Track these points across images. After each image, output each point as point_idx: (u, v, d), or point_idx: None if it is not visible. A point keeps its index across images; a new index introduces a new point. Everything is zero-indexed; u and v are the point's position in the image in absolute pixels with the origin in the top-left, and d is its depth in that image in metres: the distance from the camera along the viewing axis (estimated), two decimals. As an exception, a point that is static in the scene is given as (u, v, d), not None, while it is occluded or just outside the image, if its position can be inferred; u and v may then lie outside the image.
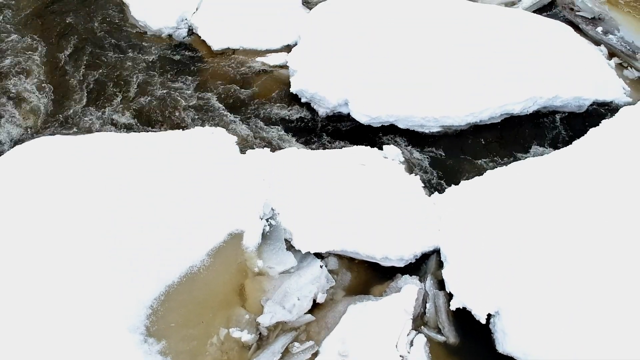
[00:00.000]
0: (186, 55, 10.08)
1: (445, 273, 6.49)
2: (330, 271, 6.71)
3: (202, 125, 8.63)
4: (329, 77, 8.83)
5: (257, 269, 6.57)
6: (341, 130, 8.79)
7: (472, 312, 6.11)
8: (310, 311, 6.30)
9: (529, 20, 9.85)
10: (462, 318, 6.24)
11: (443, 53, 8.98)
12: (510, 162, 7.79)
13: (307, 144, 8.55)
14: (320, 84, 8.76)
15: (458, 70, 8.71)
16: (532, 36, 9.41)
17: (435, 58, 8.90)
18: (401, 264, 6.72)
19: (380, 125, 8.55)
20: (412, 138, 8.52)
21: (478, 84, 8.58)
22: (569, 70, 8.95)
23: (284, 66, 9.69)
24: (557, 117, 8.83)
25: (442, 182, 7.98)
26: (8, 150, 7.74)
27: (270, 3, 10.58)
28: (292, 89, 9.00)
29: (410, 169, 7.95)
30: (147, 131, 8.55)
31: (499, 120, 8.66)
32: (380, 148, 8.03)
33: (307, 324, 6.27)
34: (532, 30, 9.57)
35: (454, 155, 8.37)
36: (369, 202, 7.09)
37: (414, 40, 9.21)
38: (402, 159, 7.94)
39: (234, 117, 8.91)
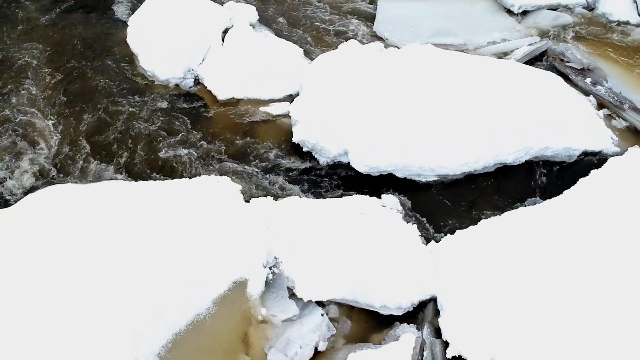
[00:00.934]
0: (192, 104, 10.50)
1: (442, 321, 6.75)
2: (331, 319, 6.96)
3: (208, 174, 8.95)
4: (329, 128, 9.21)
5: (261, 317, 6.82)
6: (341, 178, 9.13)
7: (468, 360, 6.34)
8: (312, 359, 6.54)
9: (520, 71, 10.27)
10: (459, 366, 6.47)
11: (439, 104, 9.37)
12: (504, 211, 8.07)
13: (308, 192, 8.88)
14: (320, 135, 9.14)
15: (453, 120, 9.09)
16: (524, 87, 9.81)
17: (431, 109, 9.28)
18: (399, 312, 6.98)
19: (379, 174, 8.90)
20: (410, 187, 8.85)
21: (472, 135, 8.95)
22: (559, 121, 9.34)
23: (287, 115, 10.07)
24: (548, 166, 9.18)
25: (439, 230, 8.30)
26: (20, 198, 8.02)
27: (273, 54, 11.01)
28: (294, 139, 9.37)
29: (407, 218, 8.26)
30: (154, 179, 8.87)
31: (493, 170, 9.01)
32: (379, 197, 8.35)
33: (309, 372, 6.50)
34: (524, 82, 9.98)
35: (449, 203, 8.70)
36: (368, 251, 7.37)
37: (411, 92, 9.59)
38: (400, 208, 8.26)
39: (239, 166, 9.26)
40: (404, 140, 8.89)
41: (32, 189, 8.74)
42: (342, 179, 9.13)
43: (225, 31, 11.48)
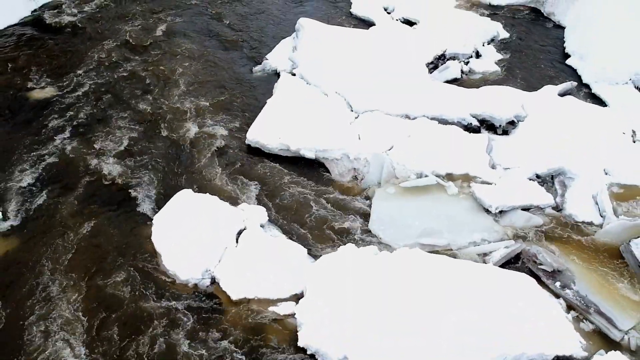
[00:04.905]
0: (208, 303, 11.84)
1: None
2: None
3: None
4: (330, 333, 10.53)
5: None
6: (341, 381, 10.26)
7: None
8: None
9: (497, 276, 11.75)
10: None
11: (427, 312, 10.80)
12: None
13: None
14: (322, 341, 10.43)
15: (438, 330, 10.45)
16: (501, 294, 11.25)
17: (419, 317, 10.67)
18: None
19: (374, 378, 10.05)
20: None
21: (455, 343, 10.25)
22: (533, 326, 10.65)
23: (293, 315, 11.38)
24: (525, 373, 10.35)
25: None
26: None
27: (280, 254, 12.51)
28: (300, 343, 10.64)
29: None
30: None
31: (476, 375, 10.18)
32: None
33: None
34: (501, 287, 11.43)
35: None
36: None
37: (401, 298, 11.05)
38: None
39: (249, 367, 10.46)
40: (393, 347, 10.13)
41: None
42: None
43: (240, 232, 13.07)
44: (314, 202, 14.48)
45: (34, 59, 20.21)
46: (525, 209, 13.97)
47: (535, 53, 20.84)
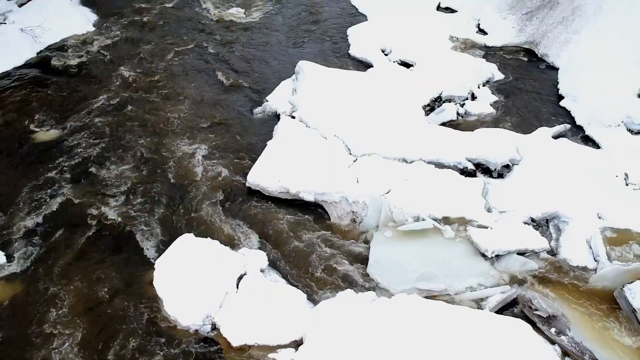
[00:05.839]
0: (209, 349, 12.03)
1: None
2: None
3: None
4: (329, 381, 10.71)
5: None
6: None
7: None
8: None
9: (493, 322, 11.94)
10: None
11: (422, 358, 10.96)
12: None
13: None
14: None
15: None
16: (495, 340, 11.42)
17: (417, 365, 10.86)
18: None
19: None
20: None
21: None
22: (528, 374, 10.84)
23: (292, 363, 11.57)
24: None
25: None
26: None
27: (279, 300, 12.71)
28: (299, 394, 10.81)
29: None
30: None
31: None
32: None
33: None
34: (496, 333, 11.61)
35: None
36: None
37: (399, 345, 11.22)
38: None
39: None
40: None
41: None
42: None
43: (240, 277, 13.29)
44: (313, 245, 14.73)
45: (39, 100, 20.66)
46: (521, 253, 14.19)
47: (530, 94, 21.29)
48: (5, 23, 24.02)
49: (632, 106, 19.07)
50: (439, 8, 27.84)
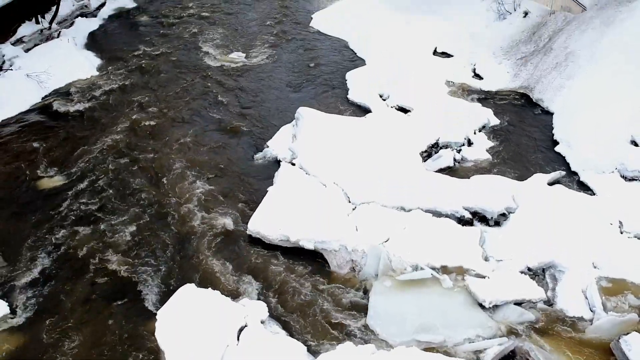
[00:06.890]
0: (210, 405, 12.14)
1: None
2: None
3: None
4: None
5: None
6: None
7: None
8: None
9: (492, 376, 12.12)
10: None
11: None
12: None
13: None
14: None
15: None
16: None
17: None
18: None
19: None
20: None
21: None
22: None
23: (293, 419, 11.66)
24: None
25: None
26: None
27: (279, 351, 12.82)
28: None
29: None
30: None
31: None
32: None
33: None
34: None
35: None
36: None
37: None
38: None
39: None
40: None
41: None
42: None
43: (241, 328, 13.44)
44: (313, 295, 14.92)
45: (43, 146, 21.07)
46: (518, 303, 14.37)
47: (525, 140, 21.66)
48: (12, 69, 24.58)
49: (625, 153, 19.39)
50: (435, 53, 28.40)
